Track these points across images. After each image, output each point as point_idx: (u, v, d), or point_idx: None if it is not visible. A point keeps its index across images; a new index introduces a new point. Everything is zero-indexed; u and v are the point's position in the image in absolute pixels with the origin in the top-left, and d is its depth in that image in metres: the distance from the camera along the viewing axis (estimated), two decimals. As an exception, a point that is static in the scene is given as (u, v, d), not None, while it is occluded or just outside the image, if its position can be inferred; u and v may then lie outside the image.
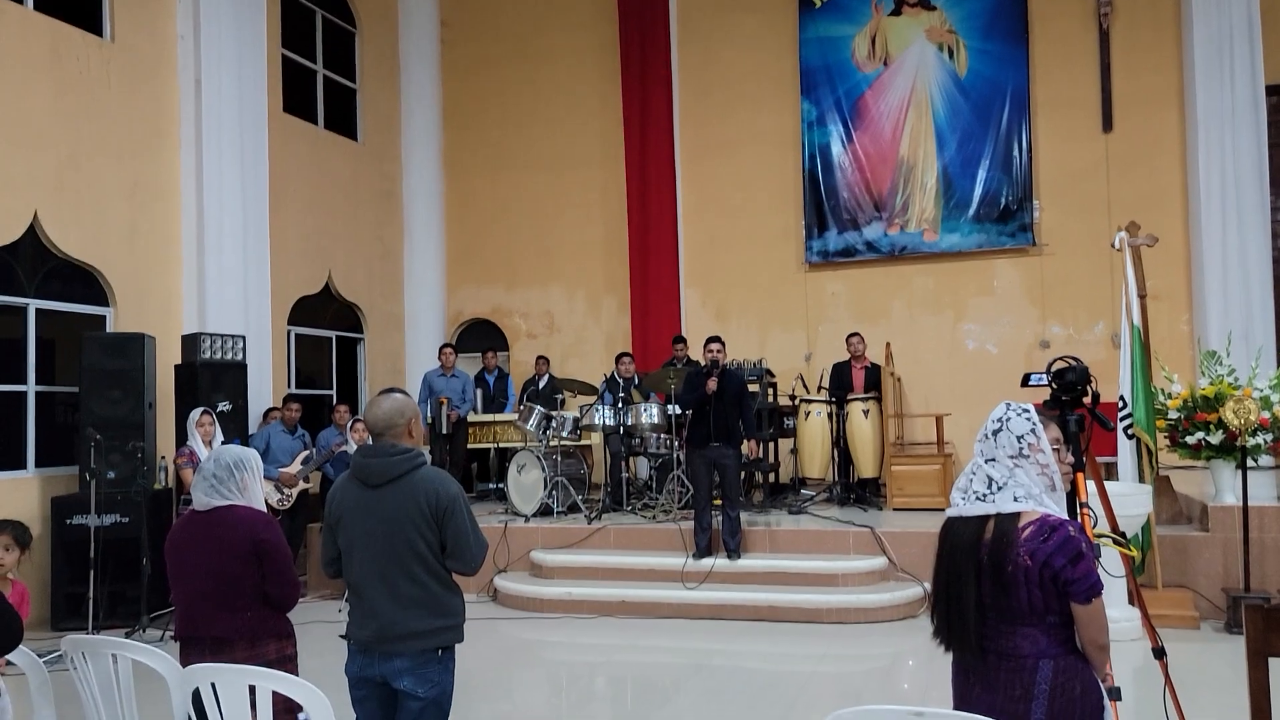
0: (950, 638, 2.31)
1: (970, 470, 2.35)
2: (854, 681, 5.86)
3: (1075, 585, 2.16)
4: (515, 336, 12.58)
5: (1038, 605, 2.19)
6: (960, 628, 2.26)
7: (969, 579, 2.24)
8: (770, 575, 7.28)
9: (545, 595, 7.52)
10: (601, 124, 12.12)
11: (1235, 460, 6.46)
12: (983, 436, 2.33)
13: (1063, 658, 2.21)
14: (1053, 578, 2.16)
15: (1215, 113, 9.65)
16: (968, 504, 2.30)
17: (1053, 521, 2.21)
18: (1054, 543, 2.17)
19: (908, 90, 10.94)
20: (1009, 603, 2.20)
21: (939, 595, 2.34)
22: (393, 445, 3.07)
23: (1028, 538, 2.19)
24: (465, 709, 5.24)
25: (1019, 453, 2.29)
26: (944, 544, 2.34)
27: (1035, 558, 2.16)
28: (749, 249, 11.56)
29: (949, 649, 2.34)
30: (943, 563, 2.33)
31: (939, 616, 2.35)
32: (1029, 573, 2.17)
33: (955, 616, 2.27)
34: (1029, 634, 2.20)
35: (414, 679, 2.98)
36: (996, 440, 2.30)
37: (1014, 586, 2.18)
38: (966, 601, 2.24)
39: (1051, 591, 2.17)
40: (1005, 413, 2.34)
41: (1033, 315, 10.60)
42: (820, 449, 8.95)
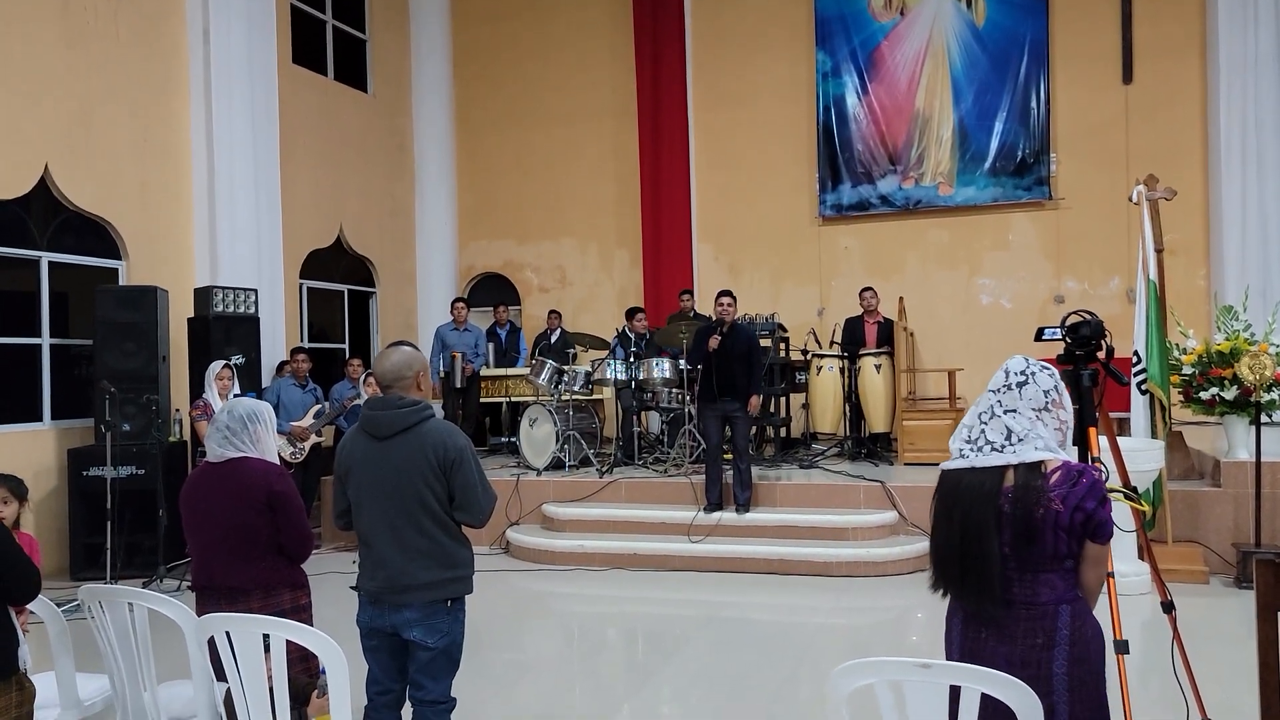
0: (965, 590, 2.27)
1: (978, 421, 2.30)
2: (863, 634, 5.91)
3: (1104, 526, 2.18)
4: (527, 291, 12.56)
5: (1061, 550, 2.18)
6: (982, 579, 2.22)
7: (990, 529, 2.21)
8: (780, 529, 7.31)
9: (557, 548, 7.59)
10: (613, 75, 11.97)
11: (1249, 416, 6.42)
12: (1003, 388, 2.29)
13: (1076, 602, 2.23)
14: (1084, 520, 2.16)
15: (1238, 61, 9.45)
16: (980, 456, 2.27)
17: (1078, 467, 2.22)
18: (1084, 486, 2.17)
19: (924, 41, 10.74)
20: (1032, 550, 2.19)
21: (949, 548, 2.29)
22: (400, 398, 3.07)
23: (1057, 483, 2.18)
24: (478, 658, 5.32)
25: (1044, 406, 2.27)
26: (954, 496, 2.29)
27: (1067, 502, 2.16)
28: (762, 202, 11.46)
29: (965, 601, 2.30)
30: (955, 515, 2.28)
31: (949, 569, 2.30)
32: (1059, 517, 2.16)
33: (973, 568, 2.23)
34: (1049, 580, 2.20)
35: (423, 629, 3.01)
36: (1021, 393, 2.27)
37: (1042, 532, 2.17)
38: (989, 552, 2.21)
39: (1078, 535, 2.18)
40: (1028, 366, 2.31)
41: (1048, 270, 10.50)
42: (832, 404, 8.94)
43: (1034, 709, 1.97)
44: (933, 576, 2.38)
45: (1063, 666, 2.17)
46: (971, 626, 2.30)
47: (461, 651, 3.18)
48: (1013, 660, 2.19)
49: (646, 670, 5.24)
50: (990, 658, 2.22)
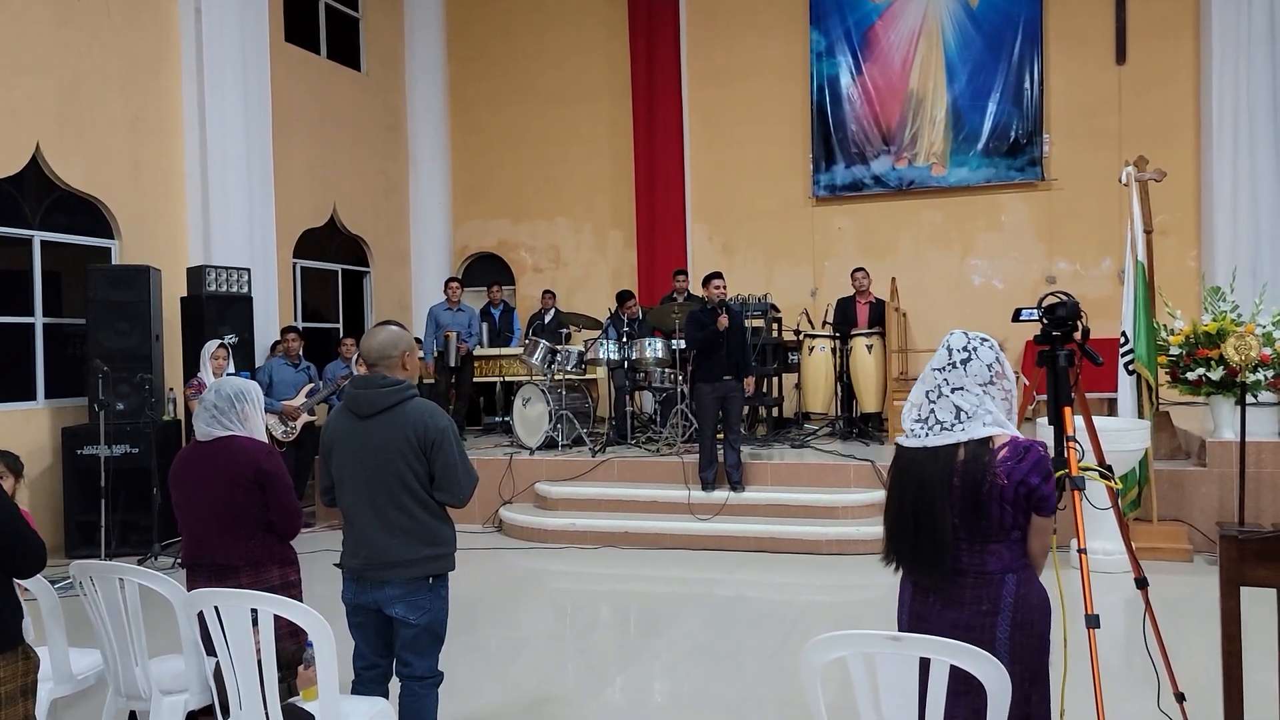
0: (917, 562, 2.35)
1: (927, 399, 2.36)
2: (850, 610, 5.99)
3: (1047, 501, 2.25)
4: (521, 270, 12.57)
5: (1007, 522, 2.26)
6: (933, 553, 2.30)
7: (941, 506, 2.28)
8: (772, 507, 7.38)
9: (549, 526, 7.65)
10: (608, 53, 11.94)
11: (1235, 396, 6.47)
12: (947, 366, 2.34)
13: (1022, 570, 2.30)
14: (1027, 494, 2.24)
15: (1231, 41, 9.45)
16: (932, 435, 2.33)
17: (1024, 443, 2.29)
18: (1029, 462, 2.24)
19: (919, 21, 10.72)
20: (980, 522, 2.27)
21: (902, 524, 2.36)
22: (384, 377, 3.11)
23: (1003, 459, 2.25)
24: (472, 634, 5.39)
25: (989, 380, 2.33)
26: (909, 474, 2.36)
27: (1012, 477, 2.23)
28: (756, 182, 11.46)
29: (916, 573, 2.37)
30: (908, 493, 2.35)
31: (902, 543, 2.38)
32: (1004, 491, 2.23)
33: (925, 543, 2.31)
34: (996, 550, 2.28)
35: (405, 606, 3.06)
36: (966, 369, 2.33)
37: (989, 505, 2.25)
38: (940, 527, 2.28)
39: (1022, 508, 2.26)
40: (969, 341, 2.36)
41: (1040, 251, 10.53)
42: (823, 384, 8.99)
43: (1001, 680, 2.02)
44: (885, 550, 2.46)
45: (1005, 632, 2.26)
46: (920, 592, 2.39)
47: (445, 627, 3.23)
48: (958, 625, 2.28)
49: (638, 646, 5.31)
50: (937, 623, 2.30)
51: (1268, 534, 2.25)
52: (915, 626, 2.35)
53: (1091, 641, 2.52)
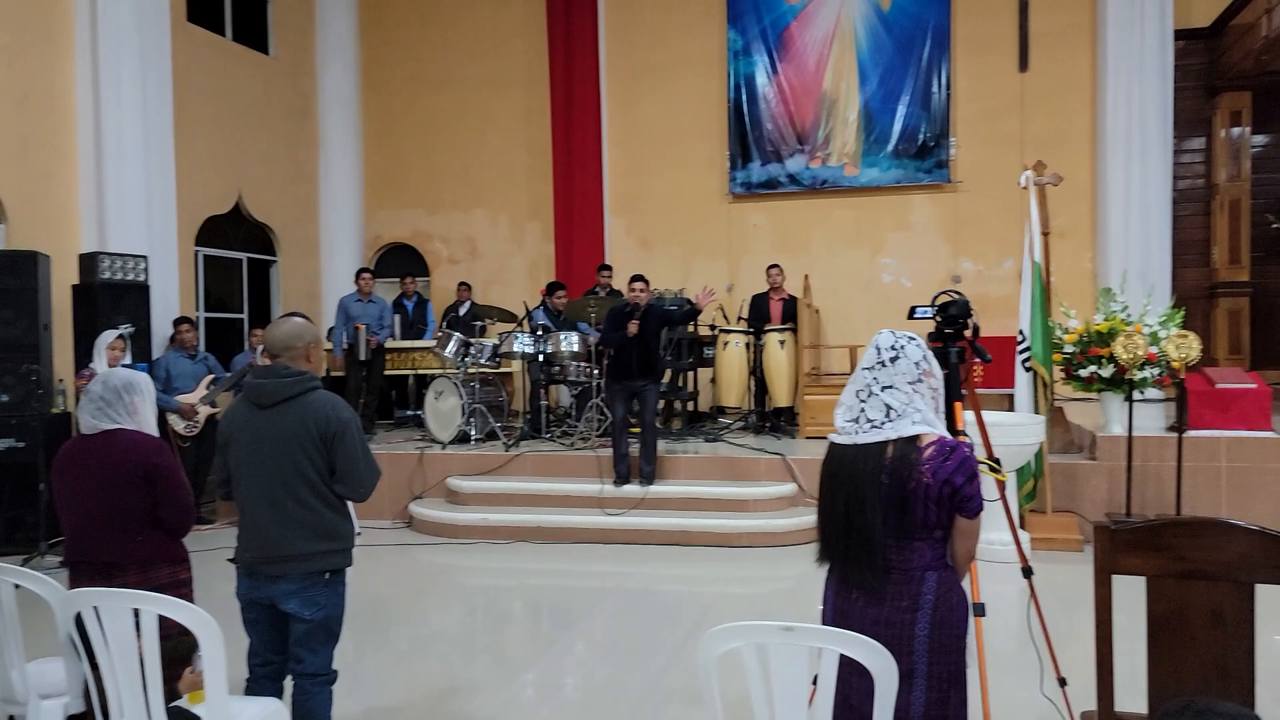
0: (849, 560, 2.36)
1: (857, 400, 2.39)
2: (760, 602, 6.07)
3: (970, 501, 2.29)
4: (436, 262, 12.40)
5: (931, 520, 2.30)
6: (864, 550, 2.32)
7: (873, 503, 2.31)
8: (684, 501, 7.44)
9: (461, 521, 7.58)
10: (525, 44, 11.85)
11: (1124, 393, 6.76)
12: (877, 364, 2.37)
13: (944, 569, 2.35)
14: (951, 494, 2.28)
15: (1125, 55, 9.84)
16: (863, 432, 2.36)
17: (950, 443, 2.33)
18: (954, 462, 2.28)
19: (832, 23, 10.90)
20: (905, 520, 2.30)
21: (835, 522, 2.38)
22: (286, 367, 3.05)
23: (929, 457, 2.29)
24: (381, 632, 5.32)
25: (917, 378, 2.37)
26: (840, 471, 2.38)
27: (937, 476, 2.27)
28: (674, 177, 11.51)
29: (849, 572, 2.38)
30: (841, 491, 2.37)
31: (835, 542, 2.40)
32: (929, 490, 2.27)
33: (856, 539, 2.33)
34: (919, 548, 2.32)
35: (300, 601, 3.01)
36: (895, 367, 2.36)
37: (913, 503, 2.28)
38: (872, 524, 2.31)
39: (946, 507, 2.29)
40: (896, 340, 2.40)
41: (946, 250, 10.83)
42: (738, 378, 9.10)
43: (889, 670, 2.08)
44: (819, 549, 2.47)
45: (925, 629, 2.29)
46: (844, 588, 2.41)
47: (341, 624, 3.18)
48: (879, 621, 2.31)
49: (548, 640, 5.31)
50: (860, 619, 2.33)
51: (1138, 525, 2.36)
52: (838, 623, 2.36)
53: (977, 630, 2.61)
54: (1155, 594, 2.37)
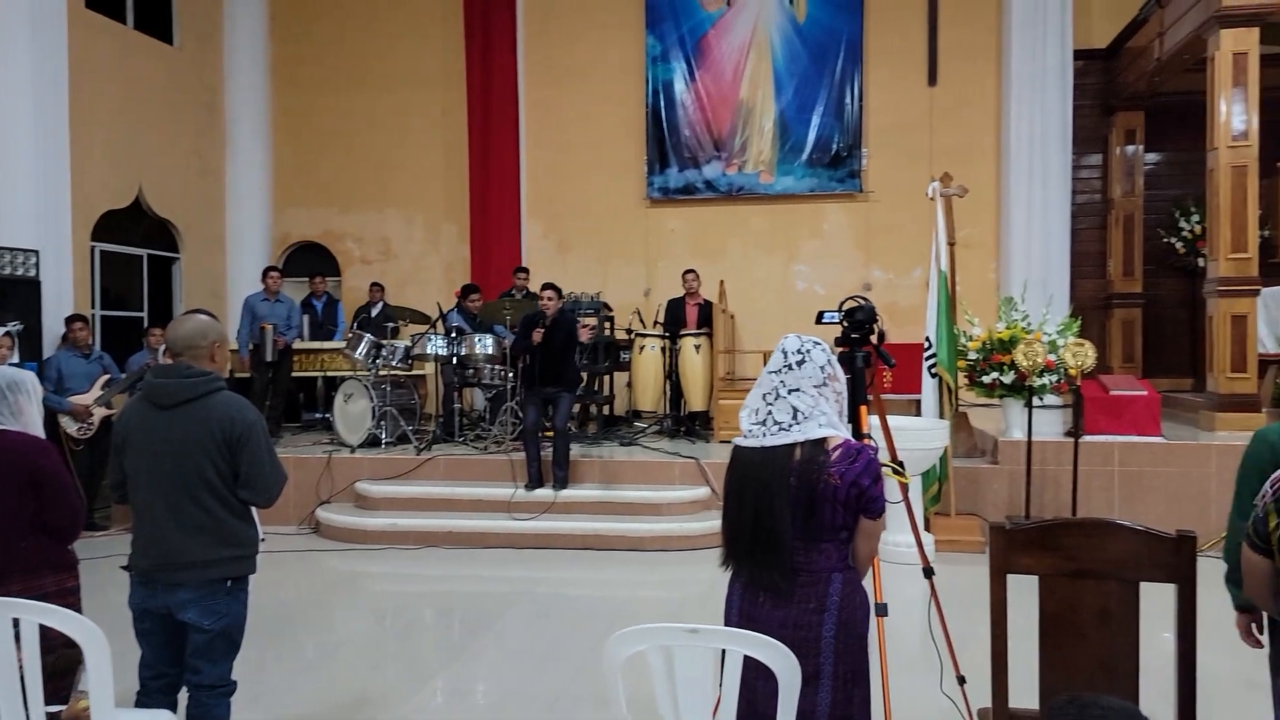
0: (756, 563, 2.37)
1: (764, 402, 2.40)
2: (671, 605, 6.09)
3: (875, 502, 2.33)
4: (348, 262, 12.14)
5: (838, 522, 2.33)
6: (773, 551, 2.33)
7: (781, 506, 2.32)
8: (597, 505, 7.42)
9: (370, 526, 7.43)
10: (442, 44, 11.70)
11: (1024, 399, 7.00)
12: (784, 368, 2.39)
13: (848, 570, 2.38)
14: (858, 496, 2.31)
15: (1027, 73, 10.21)
16: (770, 435, 2.37)
17: (856, 445, 2.36)
18: (860, 464, 2.32)
19: (749, 32, 11.05)
20: (813, 522, 2.32)
21: (742, 524, 2.38)
22: (189, 367, 2.94)
23: (836, 460, 2.31)
24: (285, 639, 5.18)
25: (823, 381, 2.39)
26: (747, 474, 2.38)
27: (844, 478, 2.30)
28: (592, 181, 11.51)
29: (756, 575, 2.38)
30: (748, 493, 2.37)
31: (741, 544, 2.40)
32: (837, 492, 2.30)
33: (764, 543, 2.34)
34: (826, 550, 2.34)
35: (199, 610, 2.90)
36: (802, 370, 2.38)
37: (821, 505, 2.30)
38: (781, 527, 2.32)
39: (853, 509, 2.33)
40: (803, 344, 2.42)
41: (858, 259, 11.07)
42: (653, 382, 9.14)
43: (793, 671, 2.10)
44: (724, 552, 2.47)
45: (831, 630, 2.32)
46: (751, 591, 2.41)
47: (242, 634, 3.08)
48: (786, 624, 2.32)
49: (458, 646, 5.24)
50: (766, 621, 2.34)
51: (1032, 526, 2.44)
52: (744, 626, 2.35)
53: (880, 629, 2.66)
54: (1047, 592, 2.46)
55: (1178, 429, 7.75)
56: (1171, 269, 10.53)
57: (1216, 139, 7.60)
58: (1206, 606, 2.47)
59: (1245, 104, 7.46)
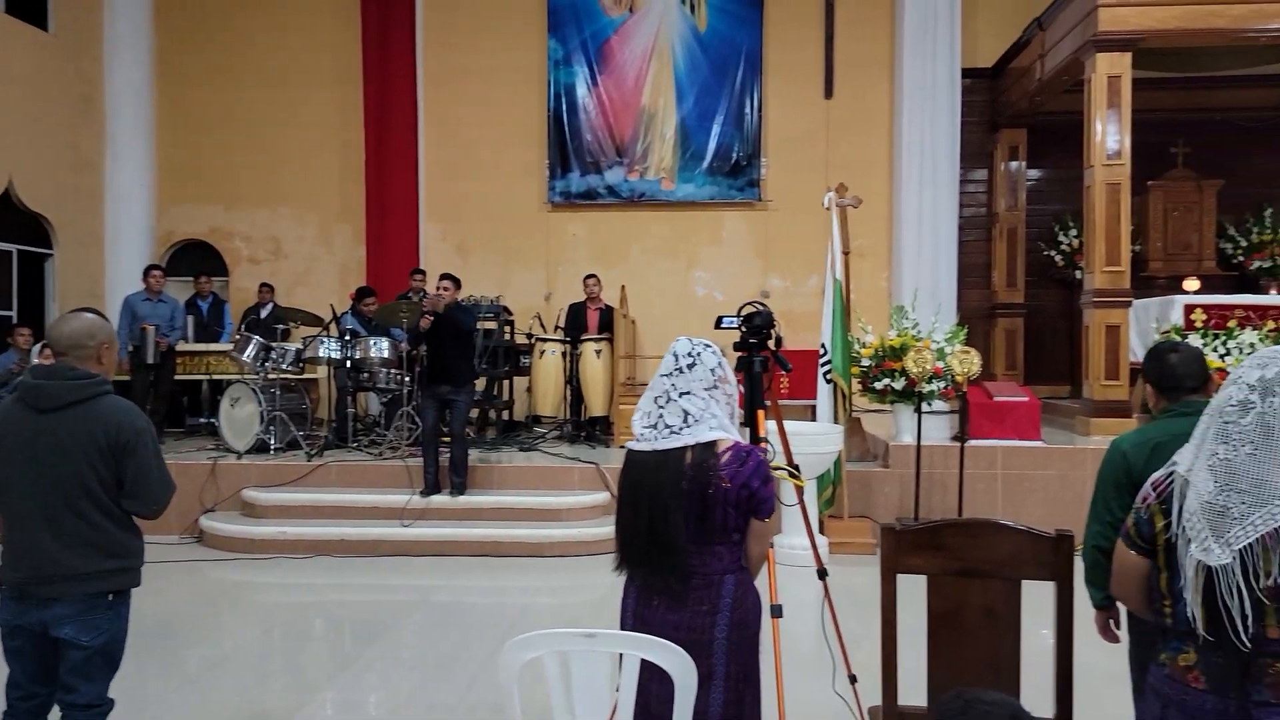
0: (652, 566, 2.37)
1: (655, 406, 2.41)
2: (571, 611, 6.06)
3: (766, 503, 2.36)
4: (236, 261, 11.72)
5: (729, 524, 2.34)
6: (668, 554, 2.33)
7: (675, 508, 2.32)
8: (496, 511, 7.33)
9: (257, 535, 7.18)
10: (337, 39, 11.41)
11: (914, 404, 7.22)
12: (674, 371, 2.39)
13: (741, 572, 2.40)
14: (749, 497, 2.33)
15: (918, 89, 10.57)
16: (662, 439, 2.37)
17: (745, 448, 2.39)
18: (750, 466, 2.34)
19: (651, 40, 11.12)
20: (706, 525, 2.33)
21: (637, 528, 2.38)
22: (73, 368, 2.77)
23: (727, 463, 2.33)
24: (166, 655, 4.95)
25: (713, 384, 2.40)
26: (641, 478, 2.38)
27: (735, 480, 2.31)
28: (492, 184, 11.39)
29: (652, 578, 2.38)
30: (642, 496, 2.36)
31: (637, 548, 2.39)
32: (728, 494, 2.31)
33: (660, 545, 2.33)
34: (719, 552, 2.36)
35: (77, 626, 2.74)
36: (692, 373, 2.39)
37: (713, 508, 2.32)
38: (675, 530, 2.32)
39: (744, 510, 2.35)
40: (693, 347, 2.43)
41: (757, 266, 11.24)
42: (553, 387, 9.09)
43: (689, 673, 2.10)
44: (619, 556, 2.46)
45: (724, 631, 2.34)
46: (645, 595, 2.41)
47: (123, 650, 2.92)
48: (680, 626, 2.33)
49: (349, 657, 5.10)
50: (661, 624, 2.34)
51: (920, 526, 2.51)
52: (639, 630, 2.35)
53: (775, 630, 2.69)
54: (935, 591, 2.52)
55: (1056, 433, 8.12)
56: (1051, 280, 11.03)
57: (1092, 157, 8.00)
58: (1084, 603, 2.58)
59: (1119, 125, 7.87)
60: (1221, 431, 1.80)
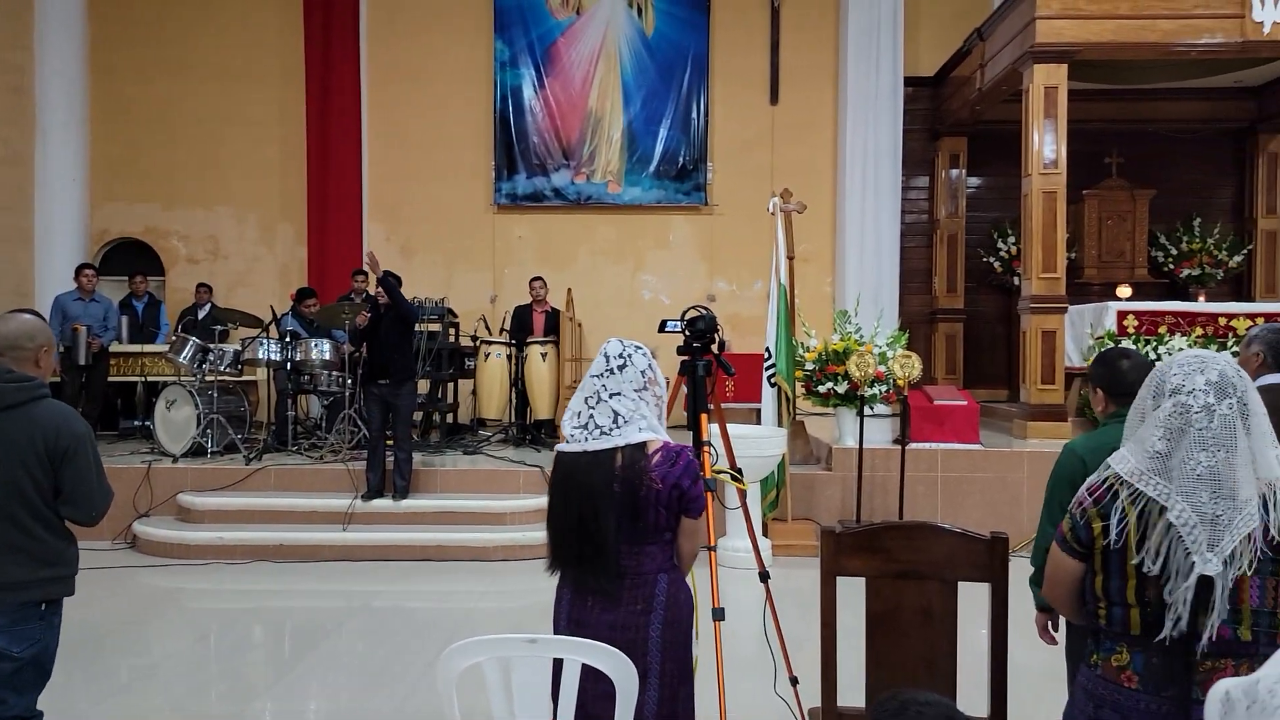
0: (583, 567, 2.38)
1: (586, 406, 2.41)
2: (515, 616, 6.02)
3: (696, 502, 2.39)
4: (173, 261, 11.45)
5: (661, 524, 2.37)
6: (600, 555, 2.34)
7: (606, 509, 2.33)
8: (439, 515, 7.27)
9: (193, 540, 7.01)
10: (280, 34, 11.22)
11: (856, 408, 7.31)
12: (605, 372, 2.40)
13: (673, 570, 2.43)
14: (680, 497, 2.35)
15: (861, 96, 10.72)
16: (593, 439, 2.38)
17: (675, 448, 2.41)
18: (680, 466, 2.36)
19: (598, 42, 11.12)
20: (638, 525, 2.35)
21: (568, 529, 2.39)
22: (9, 371, 2.70)
23: (658, 463, 2.35)
24: (96, 663, 4.82)
25: (643, 386, 2.42)
26: (571, 479, 2.39)
27: (666, 481, 2.33)
28: (437, 185, 11.29)
29: (584, 579, 2.39)
30: (573, 497, 2.37)
31: (568, 549, 2.40)
32: (659, 495, 2.33)
33: (591, 546, 2.35)
34: (651, 552, 2.38)
35: (8, 636, 2.66)
36: (623, 374, 2.40)
37: (645, 508, 2.33)
38: (606, 531, 2.33)
39: (674, 510, 2.37)
40: (624, 349, 2.44)
41: (702, 270, 11.30)
42: (499, 390, 9.04)
43: (630, 677, 2.10)
44: (551, 558, 2.47)
45: (657, 630, 2.36)
46: (580, 597, 2.42)
47: (54, 661, 2.84)
48: (615, 626, 2.34)
49: (288, 664, 5.02)
50: (595, 625, 2.35)
51: (859, 529, 2.54)
52: (574, 631, 2.36)
53: (716, 633, 2.70)
54: (874, 593, 2.56)
55: (994, 436, 8.28)
56: (990, 286, 11.25)
57: (1030, 166, 8.18)
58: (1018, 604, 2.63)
59: (1055, 134, 8.06)
60: (1199, 440, 1.80)
